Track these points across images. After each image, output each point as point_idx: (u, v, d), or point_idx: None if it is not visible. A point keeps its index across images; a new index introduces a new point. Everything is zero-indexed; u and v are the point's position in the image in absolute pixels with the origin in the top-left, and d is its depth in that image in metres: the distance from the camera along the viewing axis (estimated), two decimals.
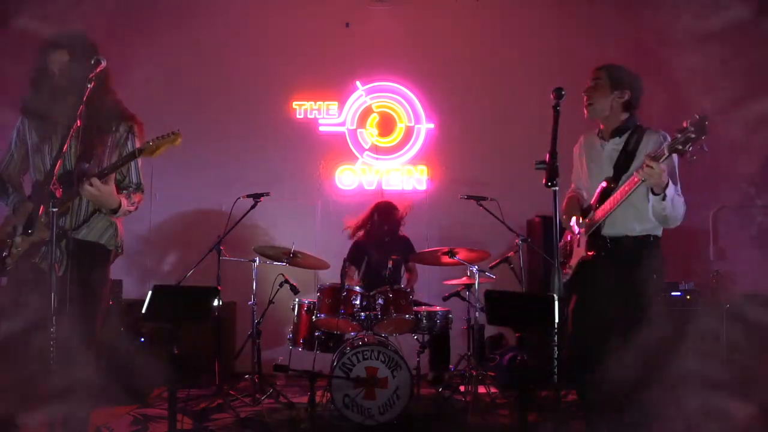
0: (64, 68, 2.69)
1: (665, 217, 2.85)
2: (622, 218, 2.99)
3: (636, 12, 5.81)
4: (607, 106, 3.08)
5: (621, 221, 2.99)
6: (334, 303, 4.27)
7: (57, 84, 2.69)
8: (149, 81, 5.93)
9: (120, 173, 2.83)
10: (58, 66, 2.70)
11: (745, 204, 5.52)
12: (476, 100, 6.19)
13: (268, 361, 4.97)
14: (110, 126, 2.79)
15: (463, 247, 4.64)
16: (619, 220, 2.99)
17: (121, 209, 2.74)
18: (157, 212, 6.06)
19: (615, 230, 3.01)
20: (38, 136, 2.78)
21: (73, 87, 2.59)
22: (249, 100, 6.17)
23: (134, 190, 2.88)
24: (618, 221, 2.99)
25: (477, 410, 4.26)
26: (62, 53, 2.71)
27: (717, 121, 5.62)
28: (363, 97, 6.26)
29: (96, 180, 2.59)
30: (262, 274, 4.84)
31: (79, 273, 2.64)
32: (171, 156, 5.62)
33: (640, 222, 2.98)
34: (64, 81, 2.68)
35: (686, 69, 5.57)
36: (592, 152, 3.20)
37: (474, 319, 4.58)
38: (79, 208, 2.76)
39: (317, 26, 6.23)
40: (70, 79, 2.65)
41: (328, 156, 6.22)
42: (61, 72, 2.70)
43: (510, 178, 5.74)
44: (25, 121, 2.84)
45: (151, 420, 4.03)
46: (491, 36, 6.23)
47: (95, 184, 2.58)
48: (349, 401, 3.85)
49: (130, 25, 5.84)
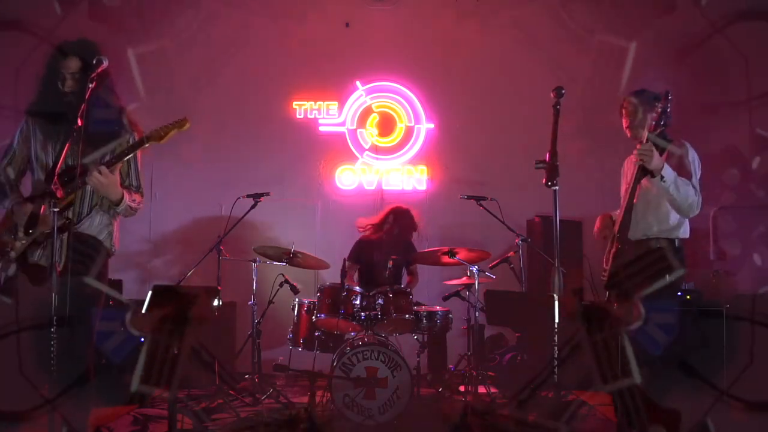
0: (76, 76, 2.75)
1: (674, 201, 3.02)
2: (642, 220, 3.19)
3: (635, 12, 5.84)
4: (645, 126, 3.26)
5: (641, 223, 3.19)
6: (334, 303, 4.27)
7: (66, 88, 2.74)
8: (149, 81, 5.93)
9: (121, 175, 2.85)
10: (70, 72, 2.75)
11: (745, 204, 5.52)
12: (476, 100, 6.18)
13: (268, 361, 4.97)
14: (114, 129, 2.81)
15: (463, 247, 4.64)
16: (639, 223, 3.18)
17: (124, 202, 2.78)
18: (157, 212, 6.05)
19: (637, 233, 3.19)
20: (43, 136, 2.80)
21: (81, 93, 2.64)
22: (249, 100, 6.16)
23: (134, 191, 2.92)
24: (639, 224, 3.18)
25: (477, 410, 4.26)
26: (75, 61, 2.76)
27: (717, 121, 5.65)
28: (363, 97, 6.26)
29: (104, 168, 2.63)
30: (262, 274, 4.84)
31: (79, 267, 2.65)
32: (171, 156, 5.70)
33: (658, 223, 3.17)
34: (74, 86, 2.74)
35: (686, 69, 5.59)
36: (628, 170, 3.40)
37: (474, 319, 4.58)
38: (82, 200, 2.78)
39: (317, 26, 6.22)
40: (80, 86, 2.71)
41: (328, 156, 6.22)
42: (72, 78, 2.75)
43: (510, 178, 5.74)
44: (29, 121, 2.85)
45: (151, 420, 4.03)
46: (491, 36, 6.23)
47: (103, 171, 2.62)
48: (349, 401, 3.85)
49: (128, 24, 5.84)
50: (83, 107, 2.54)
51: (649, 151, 2.89)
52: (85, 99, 2.55)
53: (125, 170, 2.90)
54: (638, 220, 3.16)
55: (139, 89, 5.62)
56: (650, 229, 3.19)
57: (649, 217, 3.18)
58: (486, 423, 3.43)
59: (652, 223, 3.18)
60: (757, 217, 5.45)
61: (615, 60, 5.91)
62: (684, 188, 3.00)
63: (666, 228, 3.17)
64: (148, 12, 5.97)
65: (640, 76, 5.71)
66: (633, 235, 3.19)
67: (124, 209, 2.83)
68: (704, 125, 5.47)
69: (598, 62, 5.90)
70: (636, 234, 3.20)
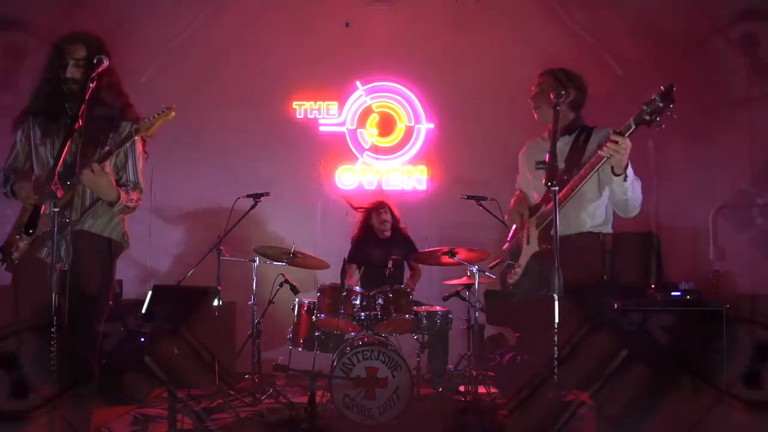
0: (80, 63, 2.69)
1: (626, 201, 2.83)
2: (574, 215, 2.95)
3: (636, 12, 5.83)
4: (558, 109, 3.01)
5: (573, 218, 2.95)
6: (334, 303, 4.27)
7: (68, 74, 2.69)
8: (148, 81, 5.94)
9: (117, 172, 2.80)
10: (75, 59, 2.70)
11: (745, 204, 5.52)
12: (476, 100, 6.18)
13: (268, 361, 4.98)
14: (113, 125, 2.78)
15: (463, 247, 4.64)
16: (571, 218, 2.94)
17: (120, 202, 2.72)
18: (157, 212, 6.06)
19: (567, 228, 2.91)
20: (42, 132, 2.77)
21: (83, 83, 2.58)
22: (249, 100, 6.16)
23: (132, 188, 2.85)
24: (570, 219, 2.94)
25: (477, 410, 4.26)
26: (81, 48, 2.71)
27: (718, 122, 5.65)
28: (363, 97, 6.26)
29: (96, 165, 2.57)
30: (262, 274, 4.84)
31: (83, 266, 2.64)
32: (171, 155, 5.70)
33: (591, 218, 2.97)
34: (76, 73, 2.69)
35: (684, 68, 5.59)
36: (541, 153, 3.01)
37: (474, 319, 4.58)
38: (83, 198, 2.75)
39: (317, 26, 6.22)
40: (83, 76, 2.65)
41: (328, 156, 6.22)
42: (75, 65, 2.69)
43: (510, 178, 5.71)
44: (30, 119, 2.82)
45: (151, 420, 4.03)
46: (491, 36, 6.22)
47: (96, 170, 2.57)
48: (349, 401, 3.85)
49: (127, 24, 5.84)
50: (83, 107, 2.52)
51: (624, 151, 2.62)
52: (85, 99, 2.53)
53: (122, 163, 2.83)
54: (569, 216, 2.92)
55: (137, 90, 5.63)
56: (583, 226, 2.96)
57: (581, 213, 2.96)
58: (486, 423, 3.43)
59: (585, 220, 2.96)
60: (757, 217, 5.44)
61: (615, 60, 5.92)
62: (637, 186, 2.83)
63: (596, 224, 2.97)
64: (148, 11, 5.97)
65: (641, 76, 5.72)
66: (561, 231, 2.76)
67: (121, 209, 2.78)
68: (704, 125, 5.48)
69: (598, 62, 5.91)
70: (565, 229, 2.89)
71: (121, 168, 2.84)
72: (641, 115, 2.56)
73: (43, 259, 2.66)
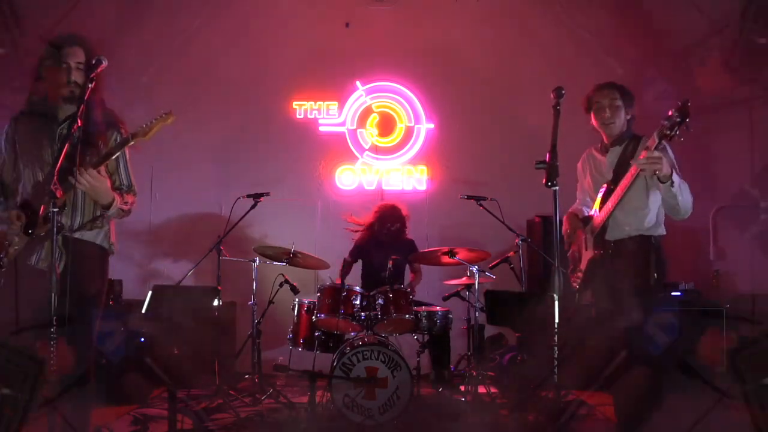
0: (81, 66, 2.69)
1: (676, 205, 2.93)
2: (622, 220, 3.11)
3: (635, 12, 5.84)
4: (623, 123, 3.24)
5: (622, 223, 3.12)
6: (334, 303, 4.27)
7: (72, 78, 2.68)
8: (148, 80, 5.94)
9: (110, 176, 2.77)
10: (76, 62, 2.69)
11: (745, 204, 5.52)
12: (476, 100, 6.18)
13: (268, 361, 4.97)
14: (105, 129, 2.77)
15: (463, 247, 4.63)
16: (620, 223, 3.12)
17: (115, 206, 2.71)
18: (157, 212, 6.05)
19: (617, 233, 3.13)
20: (35, 135, 2.75)
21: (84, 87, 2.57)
22: (249, 100, 6.16)
23: (126, 191, 2.85)
24: (619, 224, 3.12)
25: (477, 410, 4.26)
26: (79, 51, 2.71)
27: (718, 121, 5.65)
28: (363, 97, 6.26)
29: (92, 170, 2.56)
30: (262, 274, 4.84)
31: (78, 271, 2.63)
32: (171, 155, 5.69)
33: (641, 222, 3.10)
34: (78, 77, 2.68)
35: (684, 68, 5.59)
36: (595, 164, 3.36)
37: (474, 319, 4.57)
38: (83, 205, 2.75)
39: (317, 26, 6.22)
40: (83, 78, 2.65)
41: (328, 156, 6.22)
42: (77, 68, 2.69)
43: (510, 178, 5.74)
44: (13, 124, 2.80)
45: (151, 420, 4.03)
46: (491, 36, 6.22)
47: (92, 174, 2.56)
48: (349, 401, 3.84)
49: (126, 24, 5.84)
50: (82, 108, 2.52)
51: (659, 159, 2.73)
52: (84, 99, 2.52)
53: (113, 167, 2.81)
54: (619, 222, 3.12)
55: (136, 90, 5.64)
56: (634, 230, 3.12)
57: (630, 218, 3.11)
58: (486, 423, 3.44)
59: (633, 224, 3.12)
60: (756, 217, 5.45)
61: (615, 60, 5.91)
62: (685, 189, 2.95)
63: (646, 227, 3.11)
64: (147, 11, 5.98)
65: (641, 75, 5.71)
66: (612, 236, 3.14)
67: (116, 212, 2.77)
68: (705, 125, 5.48)
69: (598, 62, 5.90)
70: (615, 235, 3.15)
71: (113, 172, 2.83)
72: (662, 131, 2.72)
73: (32, 266, 2.64)
